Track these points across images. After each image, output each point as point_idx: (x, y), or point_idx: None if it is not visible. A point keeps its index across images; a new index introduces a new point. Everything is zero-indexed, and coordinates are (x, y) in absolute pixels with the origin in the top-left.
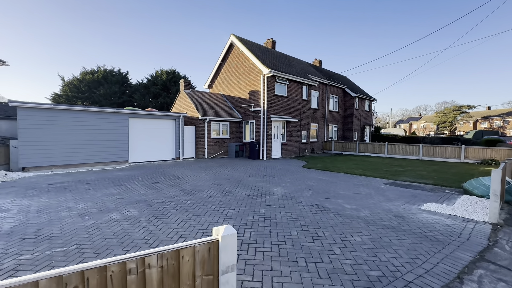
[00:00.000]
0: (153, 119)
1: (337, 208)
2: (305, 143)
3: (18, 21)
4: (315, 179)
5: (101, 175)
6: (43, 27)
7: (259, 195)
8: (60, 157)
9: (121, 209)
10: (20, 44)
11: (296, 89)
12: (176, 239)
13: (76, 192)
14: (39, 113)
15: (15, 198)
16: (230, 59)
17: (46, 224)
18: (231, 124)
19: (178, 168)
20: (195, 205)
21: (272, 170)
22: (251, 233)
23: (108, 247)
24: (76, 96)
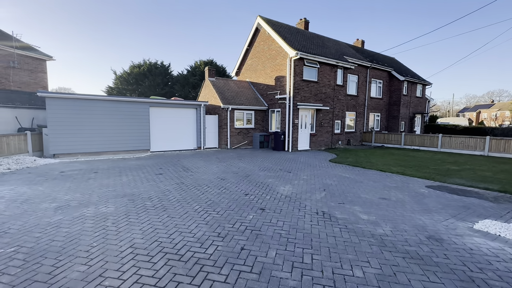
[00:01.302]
0: (173, 108)
1: (348, 219)
2: (338, 134)
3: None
4: (337, 177)
5: (114, 164)
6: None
7: (259, 194)
8: (86, 145)
9: (101, 203)
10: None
11: (329, 73)
12: (124, 253)
13: (77, 182)
14: (65, 103)
15: (18, 185)
16: (256, 43)
17: (16, 217)
18: (256, 113)
19: (193, 159)
20: (180, 203)
21: (291, 163)
22: (216, 249)
23: (43, 254)
24: (125, 88)
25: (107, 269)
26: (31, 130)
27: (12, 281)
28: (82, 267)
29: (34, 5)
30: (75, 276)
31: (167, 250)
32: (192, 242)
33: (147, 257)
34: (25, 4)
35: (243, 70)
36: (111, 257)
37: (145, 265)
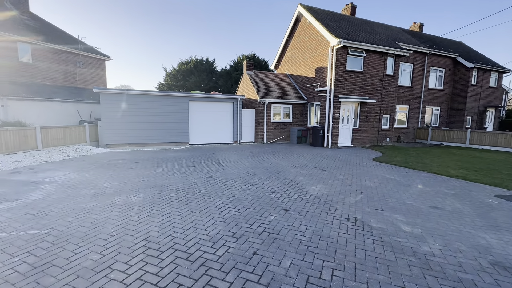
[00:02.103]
0: (211, 102)
1: (385, 229)
2: (386, 129)
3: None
4: (379, 178)
5: (154, 155)
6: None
7: (285, 193)
8: (132, 136)
9: (132, 193)
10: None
11: (377, 61)
12: (137, 246)
13: (118, 170)
14: (115, 98)
15: (71, 171)
16: (296, 33)
17: (59, 200)
18: (294, 107)
19: (227, 152)
20: (203, 197)
21: (328, 161)
22: (226, 250)
23: (68, 239)
24: (174, 84)
25: (117, 260)
26: (89, 123)
27: (35, 262)
28: (96, 256)
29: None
30: (87, 265)
31: (178, 247)
32: (205, 240)
33: (156, 252)
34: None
35: (282, 62)
36: (124, 248)
37: (152, 261)
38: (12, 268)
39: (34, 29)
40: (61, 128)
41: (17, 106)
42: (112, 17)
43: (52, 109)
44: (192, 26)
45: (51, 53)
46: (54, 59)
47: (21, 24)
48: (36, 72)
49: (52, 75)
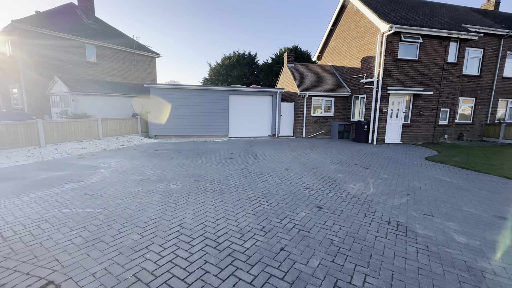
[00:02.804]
0: (250, 95)
1: (433, 237)
2: (445, 125)
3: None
4: (432, 180)
5: (196, 147)
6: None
7: (321, 190)
8: (177, 128)
9: (172, 181)
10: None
11: (437, 48)
12: (172, 231)
13: (162, 160)
14: (162, 92)
15: (123, 159)
16: (342, 21)
17: (112, 184)
18: (337, 100)
19: (265, 146)
20: (237, 189)
21: (372, 158)
22: (254, 243)
23: (115, 219)
24: (217, 79)
25: (153, 242)
26: (140, 115)
27: (88, 237)
28: (136, 236)
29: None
30: (128, 243)
31: (208, 235)
32: (234, 231)
33: (188, 239)
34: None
35: (325, 53)
36: (161, 232)
37: (184, 246)
38: (70, 240)
39: (98, 32)
40: (117, 120)
41: (84, 100)
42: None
43: (110, 103)
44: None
45: (112, 52)
46: (114, 58)
47: (88, 28)
48: (99, 70)
49: (111, 73)
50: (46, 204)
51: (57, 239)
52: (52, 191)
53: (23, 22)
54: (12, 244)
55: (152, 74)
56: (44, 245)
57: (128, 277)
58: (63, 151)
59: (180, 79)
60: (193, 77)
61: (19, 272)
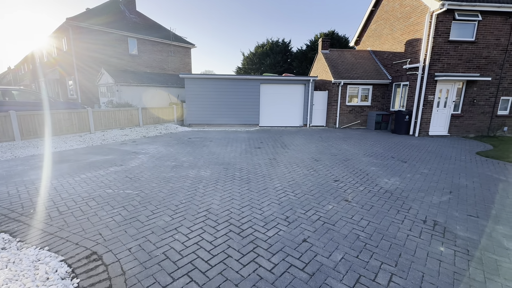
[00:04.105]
0: (282, 84)
1: (476, 241)
2: (505, 116)
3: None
4: (482, 177)
5: (227, 135)
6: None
7: (351, 183)
8: (210, 117)
9: (203, 168)
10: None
11: (499, 26)
12: (199, 215)
13: (195, 147)
14: (196, 82)
15: (160, 145)
16: (385, 1)
17: (149, 169)
18: (375, 88)
19: (295, 136)
20: (264, 178)
21: (412, 151)
22: (276, 233)
23: (150, 201)
24: (251, 68)
25: (182, 225)
26: (176, 105)
27: (126, 215)
28: (168, 218)
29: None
30: (160, 224)
31: (233, 222)
32: (258, 219)
33: (214, 223)
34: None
35: (364, 37)
36: (189, 215)
37: (209, 230)
38: (111, 217)
39: (139, 26)
40: (156, 109)
41: (126, 90)
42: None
43: (150, 93)
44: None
45: (151, 45)
46: (153, 50)
47: (130, 22)
48: (140, 62)
49: (151, 64)
50: (93, 184)
51: (101, 215)
52: (98, 173)
53: (75, 19)
54: (66, 218)
55: (188, 65)
56: (90, 220)
57: (158, 254)
58: (109, 137)
59: (215, 69)
60: (227, 67)
61: (70, 242)
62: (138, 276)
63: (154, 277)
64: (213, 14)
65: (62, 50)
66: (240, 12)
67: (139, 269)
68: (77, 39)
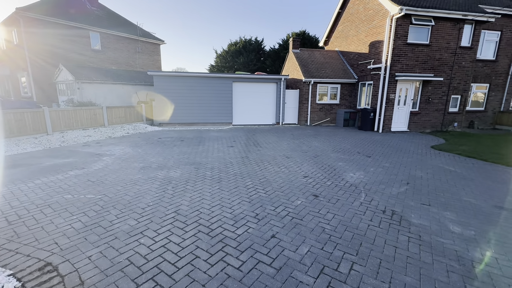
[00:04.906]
0: (254, 82)
1: (427, 227)
2: (455, 113)
3: None
4: (435, 169)
5: (199, 134)
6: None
7: (319, 178)
8: (181, 116)
9: (173, 168)
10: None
11: (450, 31)
12: (167, 217)
13: (165, 147)
14: (166, 80)
15: (127, 146)
16: (350, 3)
17: (114, 171)
18: (343, 87)
19: (268, 134)
20: (235, 177)
21: (376, 147)
22: (246, 230)
23: (114, 205)
24: (224, 65)
25: (148, 228)
26: (145, 103)
27: (87, 221)
28: (133, 222)
29: None
30: (125, 229)
31: (202, 222)
32: (227, 218)
33: (182, 225)
34: None
35: (332, 38)
36: (157, 218)
37: (177, 232)
38: (70, 224)
39: (102, 19)
40: (122, 108)
41: (89, 88)
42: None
43: (115, 91)
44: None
45: (116, 40)
46: (118, 45)
47: (92, 15)
48: (104, 58)
49: (116, 60)
50: (50, 190)
51: (58, 223)
52: (56, 178)
53: (27, 10)
54: (16, 228)
55: (157, 62)
56: (45, 229)
57: (122, 260)
58: (69, 138)
59: (187, 67)
60: (200, 64)
61: (20, 254)
62: (98, 285)
63: (116, 285)
64: (184, 11)
65: (13, 42)
66: (212, 9)
67: (99, 278)
68: (30, 32)
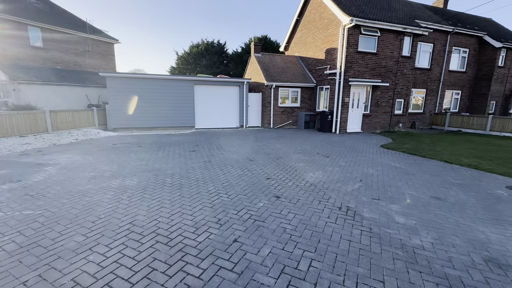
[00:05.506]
0: (217, 85)
1: (377, 220)
2: (400, 115)
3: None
4: (383, 166)
5: (158, 139)
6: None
7: (281, 180)
8: (139, 120)
9: (128, 176)
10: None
11: (393, 41)
12: (121, 229)
13: (120, 154)
14: (121, 82)
15: (75, 154)
16: (307, 12)
17: (59, 182)
18: (303, 91)
19: (231, 137)
20: (197, 182)
21: (333, 147)
22: (207, 237)
23: (58, 220)
24: (185, 68)
25: (99, 243)
26: (97, 107)
27: (22, 242)
28: (80, 237)
29: None
30: (70, 246)
31: (160, 232)
32: (188, 226)
33: (138, 236)
34: None
35: (292, 44)
36: (109, 231)
37: (132, 245)
38: (0, 247)
39: (44, 13)
40: (70, 112)
41: (28, 90)
42: None
43: (61, 93)
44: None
45: (61, 37)
46: (64, 43)
47: (31, 8)
48: (47, 56)
49: (62, 59)
50: None
51: None
52: None
53: None
54: None
55: (111, 62)
56: None
57: (66, 282)
58: (2, 147)
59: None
60: (160, 66)
61: None
62: None
63: None
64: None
65: None
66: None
67: None
68: None
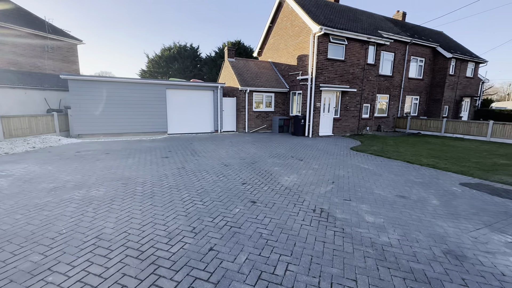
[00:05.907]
0: (190, 90)
1: (348, 220)
2: (367, 119)
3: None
4: (353, 168)
5: (128, 146)
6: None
7: (256, 184)
8: (107, 126)
9: (94, 186)
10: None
11: (359, 50)
12: (86, 245)
13: (85, 163)
14: (86, 85)
15: (32, 164)
16: (279, 19)
17: (11, 196)
18: (277, 96)
19: (206, 142)
20: (170, 190)
21: (307, 150)
22: (182, 247)
23: (10, 239)
24: (157, 71)
25: (60, 261)
26: (58, 111)
27: None
28: (38, 256)
29: None
30: (25, 267)
31: (130, 245)
32: (161, 237)
33: (105, 251)
34: None
35: (265, 49)
36: (71, 247)
37: (99, 261)
38: None
39: None
40: (25, 117)
41: None
42: None
43: (15, 96)
44: (178, 9)
45: (15, 35)
46: (19, 42)
47: None
48: None
49: (17, 60)
50: None
51: None
52: None
53: None
54: None
55: (74, 64)
56: None
57: None
58: None
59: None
60: (129, 69)
61: None
62: None
63: None
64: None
65: None
66: (142, 10)
67: None
68: None
